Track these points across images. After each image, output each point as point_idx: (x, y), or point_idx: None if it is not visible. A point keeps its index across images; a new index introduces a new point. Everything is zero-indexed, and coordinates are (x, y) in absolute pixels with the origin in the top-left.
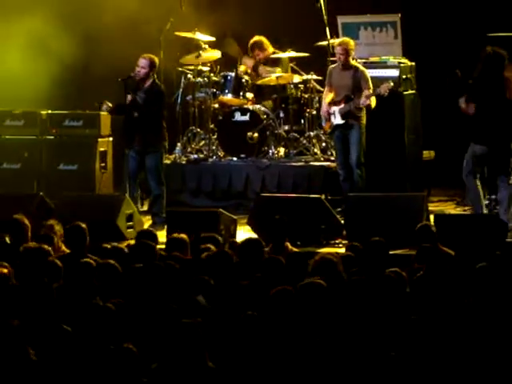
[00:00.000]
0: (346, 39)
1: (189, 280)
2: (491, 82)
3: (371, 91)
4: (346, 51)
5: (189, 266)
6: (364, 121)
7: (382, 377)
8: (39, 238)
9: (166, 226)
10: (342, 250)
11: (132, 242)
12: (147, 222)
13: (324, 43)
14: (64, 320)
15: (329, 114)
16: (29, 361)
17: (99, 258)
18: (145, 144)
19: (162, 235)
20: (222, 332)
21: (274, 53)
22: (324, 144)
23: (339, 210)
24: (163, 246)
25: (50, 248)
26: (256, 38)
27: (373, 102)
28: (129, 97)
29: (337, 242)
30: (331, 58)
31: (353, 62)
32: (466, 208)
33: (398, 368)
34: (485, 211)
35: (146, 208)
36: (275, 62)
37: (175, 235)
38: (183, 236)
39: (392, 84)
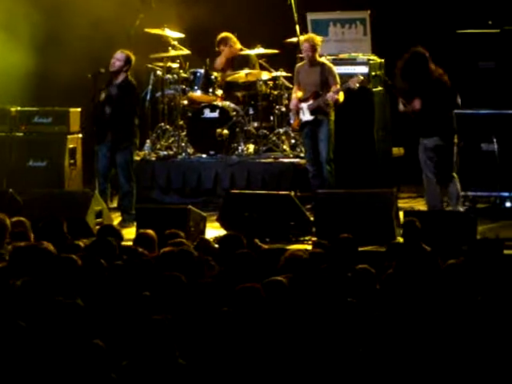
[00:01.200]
0: (312, 35)
1: (158, 276)
2: (420, 77)
3: (339, 86)
4: (313, 47)
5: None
6: (333, 117)
7: (349, 372)
8: (15, 235)
9: (135, 223)
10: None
11: None
12: (117, 219)
13: (294, 40)
14: (32, 316)
15: (297, 111)
16: None
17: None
18: (116, 140)
19: (132, 232)
20: (193, 328)
21: (241, 50)
22: (293, 141)
23: (308, 206)
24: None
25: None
26: (223, 34)
27: (341, 96)
28: (103, 95)
29: (306, 238)
30: (300, 55)
31: (320, 59)
32: None
33: (365, 364)
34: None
35: (115, 204)
36: (242, 64)
37: (142, 231)
38: (150, 232)
39: (362, 78)
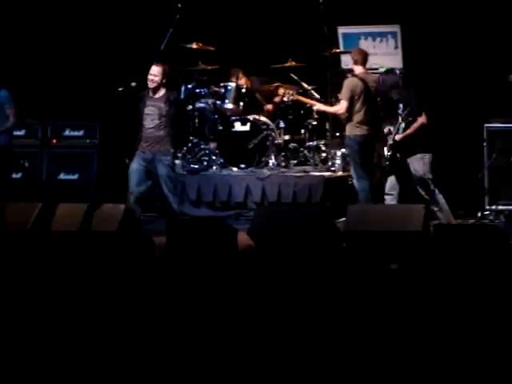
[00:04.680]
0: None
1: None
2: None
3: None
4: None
5: None
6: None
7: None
8: None
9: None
10: None
11: None
12: None
13: (325, 54)
14: None
15: None
16: None
17: None
18: (159, 153)
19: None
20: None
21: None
22: (324, 154)
23: (339, 220)
24: None
25: None
26: (233, 68)
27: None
28: (146, 109)
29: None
30: (332, 69)
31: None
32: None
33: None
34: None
35: None
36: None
37: None
38: None
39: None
